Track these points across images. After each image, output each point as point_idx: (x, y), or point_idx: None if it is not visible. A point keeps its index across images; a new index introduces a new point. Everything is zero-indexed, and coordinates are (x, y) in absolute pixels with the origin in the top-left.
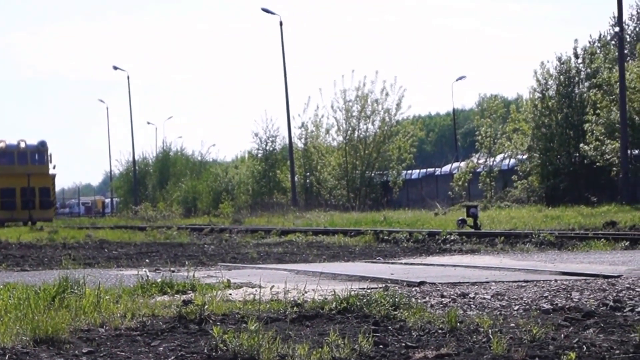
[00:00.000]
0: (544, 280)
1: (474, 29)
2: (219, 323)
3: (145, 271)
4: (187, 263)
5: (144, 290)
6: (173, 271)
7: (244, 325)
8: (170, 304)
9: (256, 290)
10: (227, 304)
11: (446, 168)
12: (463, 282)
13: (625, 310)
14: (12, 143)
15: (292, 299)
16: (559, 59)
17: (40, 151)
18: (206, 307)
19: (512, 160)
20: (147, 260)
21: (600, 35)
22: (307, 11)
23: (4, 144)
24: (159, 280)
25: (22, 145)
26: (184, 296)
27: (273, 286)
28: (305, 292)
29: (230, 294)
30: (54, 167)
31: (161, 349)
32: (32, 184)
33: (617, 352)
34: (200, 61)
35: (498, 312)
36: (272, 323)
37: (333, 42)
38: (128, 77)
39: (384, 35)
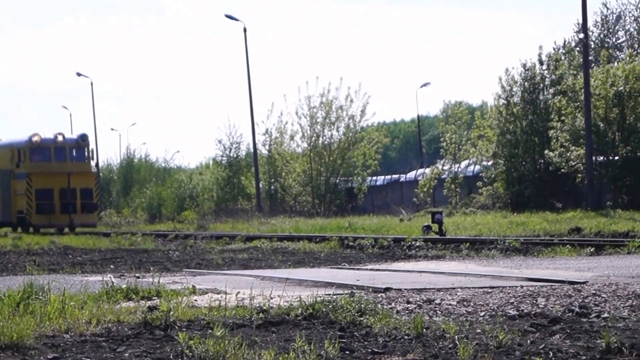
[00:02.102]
0: (510, 287)
1: (438, 35)
2: (184, 329)
3: (110, 277)
4: (152, 269)
5: (109, 296)
6: (138, 277)
7: (210, 331)
8: (135, 310)
9: (222, 296)
10: (192, 310)
11: (411, 174)
12: (429, 288)
13: (591, 316)
14: (48, 137)
15: (257, 305)
16: (524, 66)
17: (80, 146)
18: (172, 313)
19: (477, 167)
20: (112, 266)
21: (565, 42)
22: (271, 18)
23: (39, 137)
24: (124, 286)
25: (60, 138)
26: (149, 302)
27: (239, 292)
28: (271, 298)
29: (196, 300)
30: (96, 165)
31: (127, 354)
32: (72, 184)
33: (584, 358)
34: (164, 67)
35: (464, 318)
36: (238, 329)
37: (297, 49)
38: (92, 84)
39: (348, 42)
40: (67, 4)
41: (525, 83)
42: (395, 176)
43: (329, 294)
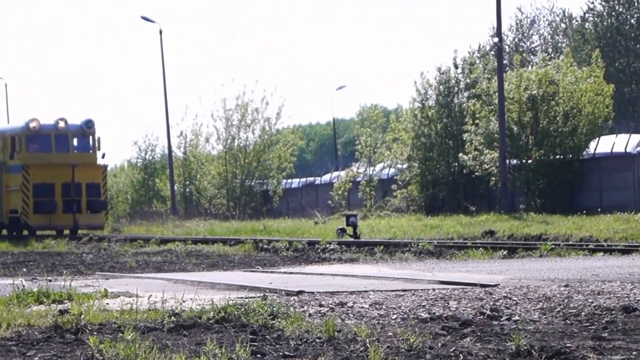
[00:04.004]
0: (422, 289)
1: (354, 38)
2: (95, 333)
3: (21, 280)
4: (64, 272)
5: (19, 299)
6: (50, 280)
7: (121, 334)
8: (46, 314)
9: (134, 300)
10: (104, 313)
11: (326, 177)
12: (342, 291)
13: (502, 319)
14: (48, 123)
15: (169, 308)
16: (439, 69)
17: (86, 133)
18: (83, 316)
19: (392, 170)
20: (24, 270)
21: (480, 46)
22: (187, 20)
23: (37, 122)
24: (36, 289)
25: (62, 124)
26: (61, 306)
27: (151, 295)
28: (183, 302)
29: (108, 304)
30: (104, 156)
31: (37, 359)
32: (77, 179)
33: None
34: (80, 68)
35: (376, 321)
36: (149, 332)
37: (214, 51)
38: (6, 85)
39: (264, 45)
40: None
41: (440, 86)
42: (311, 179)
43: (242, 297)
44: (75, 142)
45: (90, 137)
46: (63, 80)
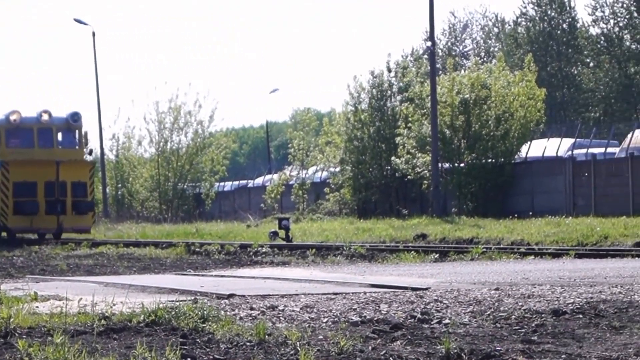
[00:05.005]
0: (353, 293)
1: (288, 41)
2: (24, 336)
3: None
4: None
5: None
6: None
7: (50, 338)
8: None
9: (64, 303)
10: (33, 317)
11: (259, 180)
12: (273, 295)
13: (432, 323)
14: (30, 115)
15: (100, 311)
16: (372, 73)
17: (71, 127)
18: (12, 320)
19: (325, 173)
20: None
21: (413, 49)
22: (120, 22)
23: (18, 115)
24: None
25: (45, 117)
26: None
27: (81, 299)
28: (114, 305)
29: (37, 307)
30: (91, 153)
31: None
32: (62, 177)
33: None
34: (11, 72)
35: (307, 325)
36: (79, 336)
37: (147, 54)
38: None
39: (197, 48)
40: None
41: (373, 90)
42: (244, 182)
43: (172, 301)
44: (59, 136)
45: (77, 131)
46: None
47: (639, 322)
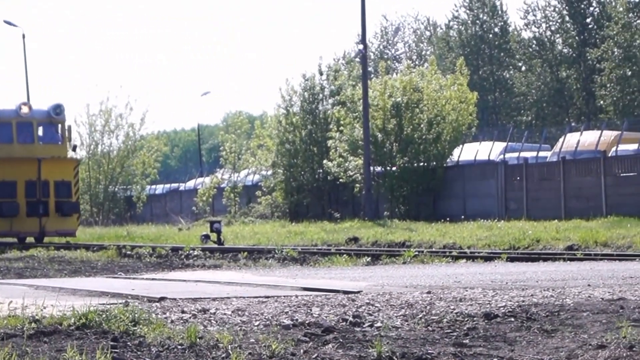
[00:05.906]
0: (285, 296)
1: (220, 44)
2: None
3: None
4: None
5: None
6: None
7: None
8: None
9: None
10: None
11: (190, 183)
12: (204, 298)
13: (364, 326)
14: (9, 108)
15: (30, 314)
16: (304, 76)
17: (54, 121)
18: None
19: (257, 176)
20: None
21: (345, 52)
22: (51, 24)
23: None
24: None
25: (25, 110)
26: None
27: (11, 302)
28: (44, 308)
29: None
30: (75, 149)
31: None
32: (44, 176)
33: None
34: None
35: (239, 328)
36: (8, 339)
37: (78, 56)
38: None
39: (129, 50)
40: None
41: (305, 93)
42: (175, 185)
43: (103, 304)
44: (40, 131)
45: (59, 125)
46: None
47: (570, 325)
